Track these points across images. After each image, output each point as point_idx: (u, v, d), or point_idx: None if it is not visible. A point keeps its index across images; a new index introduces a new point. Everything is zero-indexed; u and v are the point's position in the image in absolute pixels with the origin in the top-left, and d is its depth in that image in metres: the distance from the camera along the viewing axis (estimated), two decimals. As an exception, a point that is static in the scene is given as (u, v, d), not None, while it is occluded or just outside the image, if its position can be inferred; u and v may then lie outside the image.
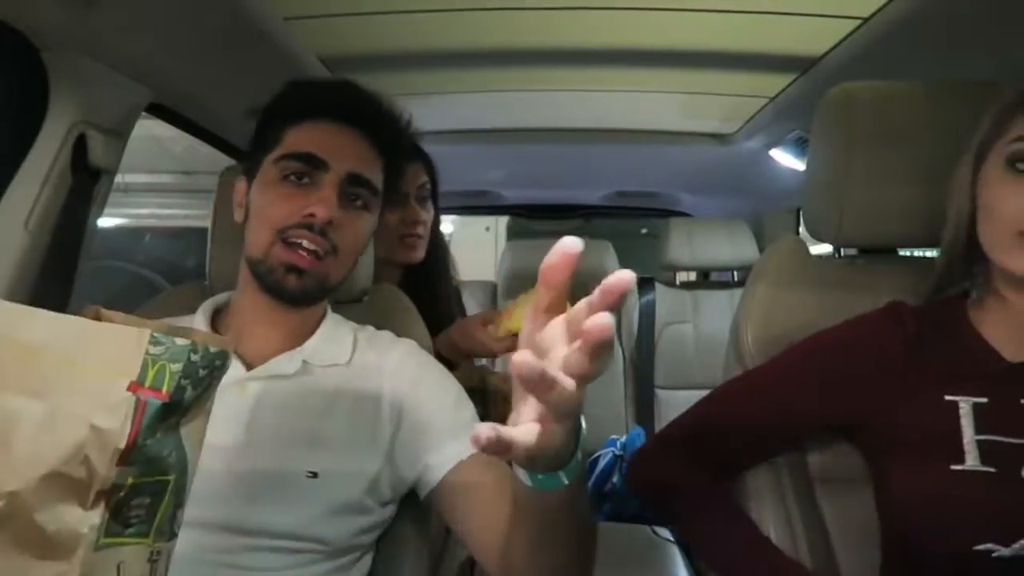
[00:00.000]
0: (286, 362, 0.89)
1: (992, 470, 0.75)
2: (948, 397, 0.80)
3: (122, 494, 0.50)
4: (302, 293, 0.87)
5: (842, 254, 1.50)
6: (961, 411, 0.79)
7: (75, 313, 0.55)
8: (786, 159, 1.99)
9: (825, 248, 1.02)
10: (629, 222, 5.36)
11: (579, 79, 1.69)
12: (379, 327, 1.00)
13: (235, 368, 0.88)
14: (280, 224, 0.85)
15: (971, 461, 0.76)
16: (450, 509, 0.85)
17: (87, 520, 0.49)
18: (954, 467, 0.76)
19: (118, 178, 1.19)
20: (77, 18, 0.98)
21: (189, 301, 1.01)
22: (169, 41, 1.12)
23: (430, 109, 1.88)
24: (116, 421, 0.49)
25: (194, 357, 0.52)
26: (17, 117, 1.04)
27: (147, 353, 0.50)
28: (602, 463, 2.27)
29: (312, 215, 0.84)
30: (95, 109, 1.08)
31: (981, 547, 0.73)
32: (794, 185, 2.07)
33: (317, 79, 0.97)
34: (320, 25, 1.31)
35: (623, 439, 2.31)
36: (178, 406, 0.52)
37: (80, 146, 1.07)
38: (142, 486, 0.51)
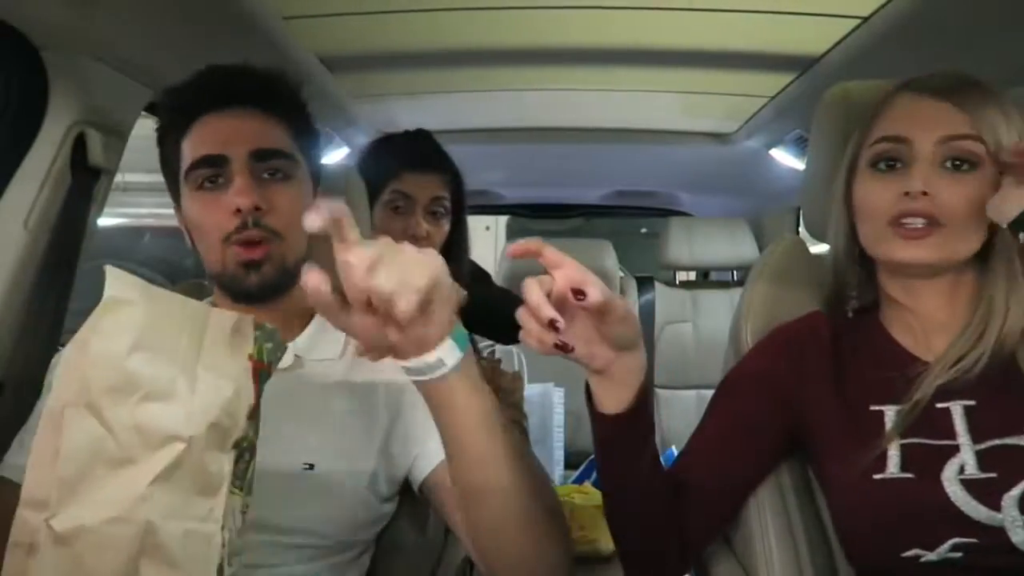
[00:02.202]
0: None
1: (911, 476, 0.76)
2: (874, 407, 0.81)
3: (244, 445, 0.62)
4: (264, 287, 0.86)
5: (842, 254, 1.50)
6: (886, 418, 0.80)
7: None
8: (786, 158, 2.00)
9: (825, 247, 1.02)
10: (629, 221, 5.36)
11: (579, 79, 1.69)
12: None
13: None
14: (221, 233, 0.85)
15: (891, 468, 0.77)
16: (440, 502, 0.85)
17: (228, 464, 0.61)
18: (876, 476, 0.77)
19: (118, 177, 1.19)
20: (77, 17, 0.98)
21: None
22: (169, 40, 1.12)
23: (430, 108, 1.88)
24: (247, 384, 0.62)
25: (276, 339, 0.66)
26: (17, 116, 1.04)
27: (255, 332, 0.64)
28: (602, 462, 2.27)
29: (238, 210, 0.83)
30: (95, 108, 1.08)
31: (908, 553, 0.74)
32: (794, 185, 2.07)
33: (179, 82, 0.92)
34: (320, 25, 1.31)
35: (623, 438, 2.30)
36: (269, 376, 0.65)
37: (80, 145, 1.07)
38: (249, 442, 0.63)
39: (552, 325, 0.60)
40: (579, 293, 0.61)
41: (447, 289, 0.61)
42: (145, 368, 0.59)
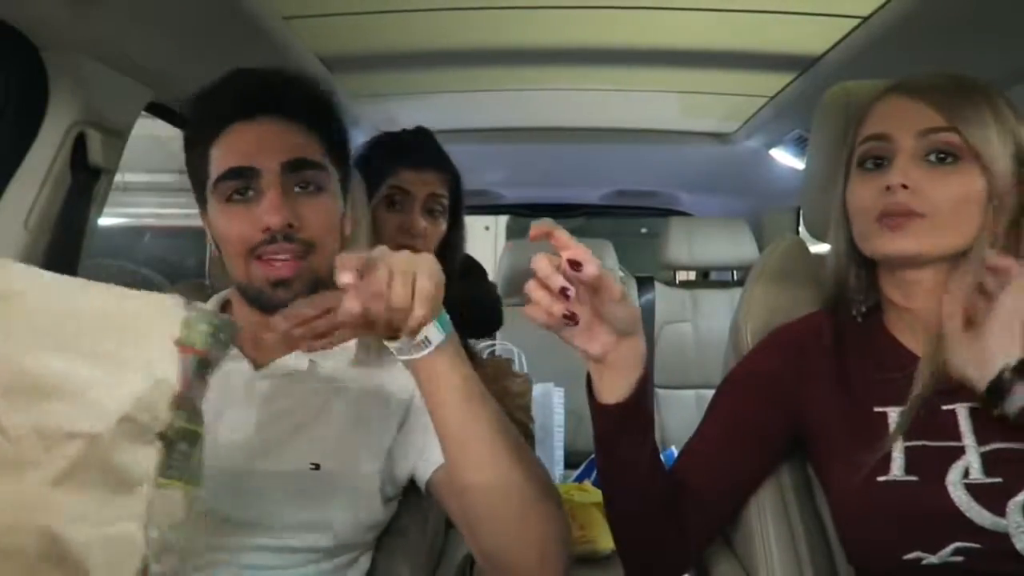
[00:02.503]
0: (294, 361, 0.89)
1: (915, 479, 0.76)
2: (877, 409, 0.81)
3: (172, 435, 0.57)
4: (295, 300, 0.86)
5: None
6: (890, 420, 0.79)
7: None
8: (786, 158, 2.00)
9: (825, 247, 1.02)
10: (629, 221, 5.37)
11: (579, 79, 1.69)
12: None
13: (244, 368, 0.88)
14: (246, 246, 0.83)
15: (895, 471, 0.77)
16: (443, 499, 0.85)
17: (149, 459, 0.56)
18: (879, 478, 0.77)
19: (118, 177, 1.19)
20: (77, 17, 0.98)
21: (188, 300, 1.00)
22: (169, 40, 1.12)
23: (430, 108, 1.88)
24: (170, 371, 0.57)
25: (215, 320, 0.60)
26: (16, 116, 1.04)
27: (182, 315, 0.59)
28: (602, 462, 2.27)
29: (268, 228, 0.81)
30: (94, 108, 1.08)
31: (910, 556, 0.74)
32: (794, 184, 2.07)
33: (209, 86, 0.88)
34: (320, 25, 1.31)
35: (623, 438, 2.30)
36: (208, 363, 0.60)
37: (80, 145, 1.07)
38: (184, 432, 0.58)
39: (563, 293, 0.64)
40: (576, 264, 0.64)
41: (439, 283, 0.67)
42: (42, 365, 0.55)
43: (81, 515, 0.54)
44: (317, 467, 0.83)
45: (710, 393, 0.94)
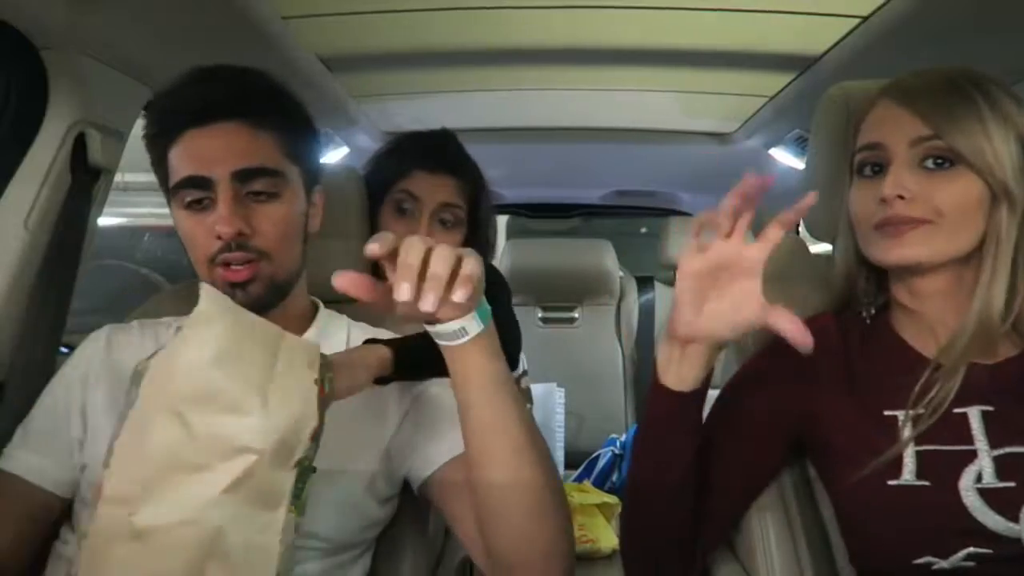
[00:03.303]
0: None
1: (927, 483, 0.75)
2: (887, 412, 0.80)
3: (305, 464, 0.65)
4: (256, 303, 0.84)
5: (842, 253, 1.50)
6: (900, 423, 0.79)
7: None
8: (786, 158, 1.99)
9: (824, 247, 1.02)
10: (629, 221, 5.36)
11: (579, 79, 1.69)
12: (376, 325, 1.00)
13: None
14: (206, 254, 0.84)
15: (906, 475, 0.76)
16: (441, 499, 0.85)
17: (289, 481, 0.64)
18: (890, 482, 0.76)
19: (118, 177, 1.19)
20: (77, 17, 0.98)
21: (187, 300, 1.00)
22: (168, 40, 1.12)
23: (430, 108, 1.88)
24: (312, 408, 0.65)
25: (330, 369, 0.70)
26: (16, 116, 1.04)
27: (321, 358, 0.69)
28: (602, 462, 2.28)
29: (219, 237, 0.82)
30: (95, 108, 1.08)
31: (920, 560, 0.73)
32: (794, 184, 2.07)
33: (165, 89, 0.89)
34: (320, 25, 1.31)
35: (623, 438, 2.31)
36: (327, 405, 0.69)
37: (80, 145, 1.07)
38: (308, 465, 0.66)
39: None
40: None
41: (483, 275, 0.66)
42: (224, 381, 0.63)
43: (239, 521, 0.61)
44: (313, 471, 0.83)
45: (711, 393, 0.93)
